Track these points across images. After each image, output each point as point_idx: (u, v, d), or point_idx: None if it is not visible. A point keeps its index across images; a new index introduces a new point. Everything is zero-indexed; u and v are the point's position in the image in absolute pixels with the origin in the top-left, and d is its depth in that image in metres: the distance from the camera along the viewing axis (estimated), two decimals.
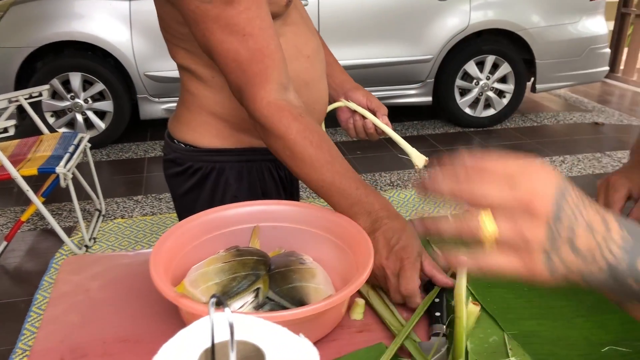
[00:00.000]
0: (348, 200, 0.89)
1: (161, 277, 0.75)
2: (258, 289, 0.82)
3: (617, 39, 5.82)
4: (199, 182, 1.10)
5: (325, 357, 0.75)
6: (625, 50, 5.89)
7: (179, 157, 1.11)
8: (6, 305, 2.22)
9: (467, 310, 0.81)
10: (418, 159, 0.97)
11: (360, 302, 0.85)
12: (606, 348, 0.76)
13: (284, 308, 0.80)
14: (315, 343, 0.78)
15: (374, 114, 1.06)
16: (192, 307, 0.71)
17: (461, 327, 0.78)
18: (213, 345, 0.39)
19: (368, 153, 3.85)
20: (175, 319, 0.82)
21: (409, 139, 4.20)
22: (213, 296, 0.39)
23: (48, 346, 0.78)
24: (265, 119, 0.89)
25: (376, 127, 1.00)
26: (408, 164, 3.60)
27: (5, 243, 2.58)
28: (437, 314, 0.82)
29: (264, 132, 0.91)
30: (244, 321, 0.42)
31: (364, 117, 1.03)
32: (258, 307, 0.81)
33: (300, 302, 0.79)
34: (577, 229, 0.50)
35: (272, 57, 0.90)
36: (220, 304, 0.38)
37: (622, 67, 5.92)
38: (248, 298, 0.81)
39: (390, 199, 3.07)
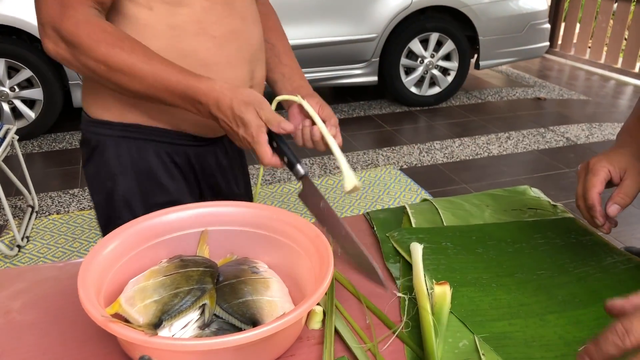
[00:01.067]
0: (174, 96, 0.88)
1: (89, 297, 0.66)
2: (204, 305, 0.73)
3: (554, 14, 5.92)
4: (89, 155, 1.05)
5: None
6: (562, 25, 6.00)
7: (80, 126, 1.06)
8: None
9: (433, 295, 0.76)
10: (349, 181, 0.88)
11: (318, 309, 0.78)
12: (582, 347, 0.71)
13: (233, 326, 0.72)
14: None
15: (324, 122, 0.99)
16: (123, 333, 0.62)
17: (429, 324, 0.72)
18: None
19: None
20: (111, 342, 0.73)
21: (356, 120, 4.15)
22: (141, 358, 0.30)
23: None
24: (73, 36, 0.84)
25: (323, 138, 0.94)
26: (357, 145, 3.55)
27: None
28: (286, 159, 0.87)
29: (76, 52, 0.86)
30: None
31: (313, 124, 0.96)
32: (204, 326, 0.72)
33: (252, 319, 0.71)
34: None
35: None
36: (207, 325, 0.29)
37: (559, 42, 6.03)
38: (193, 316, 0.72)
39: (339, 183, 3.01)
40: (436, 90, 4.33)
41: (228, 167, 1.14)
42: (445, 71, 4.32)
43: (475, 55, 4.38)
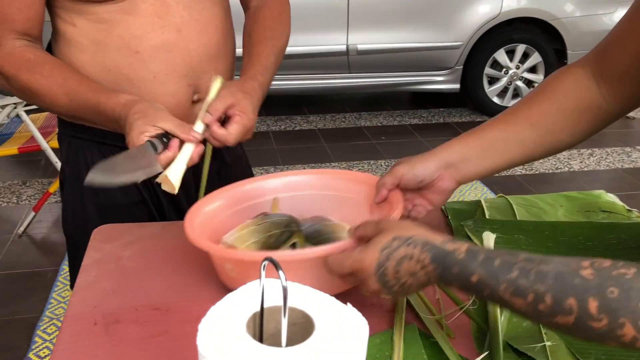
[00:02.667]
0: (91, 114, 0.93)
1: (200, 236, 0.76)
2: (295, 243, 0.82)
3: None
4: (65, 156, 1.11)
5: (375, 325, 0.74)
6: None
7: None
8: (34, 274, 2.26)
9: None
10: (171, 175, 0.83)
11: None
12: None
13: None
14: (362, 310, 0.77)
15: (226, 119, 0.90)
16: (246, 254, 0.72)
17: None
18: (262, 309, 0.38)
19: (392, 139, 3.82)
20: (205, 290, 0.82)
21: (434, 126, 4.15)
22: (266, 259, 0.38)
23: (82, 311, 0.78)
24: (1, 68, 0.94)
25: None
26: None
27: (33, 214, 2.61)
28: None
29: (7, 81, 0.95)
30: (294, 288, 0.41)
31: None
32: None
33: None
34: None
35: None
36: (276, 266, 0.37)
37: None
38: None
39: None
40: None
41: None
42: (529, 83, 4.25)
43: None
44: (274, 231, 0.81)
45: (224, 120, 0.90)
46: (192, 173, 1.11)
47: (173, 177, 0.83)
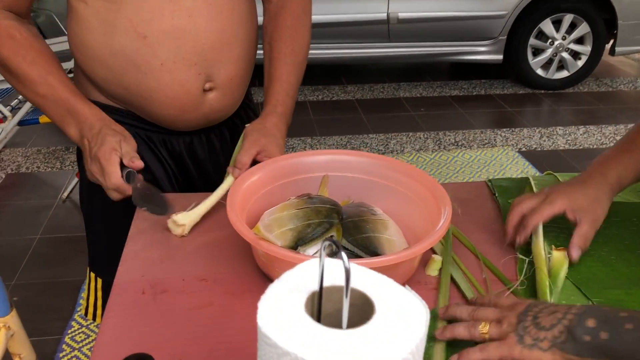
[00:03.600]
0: (61, 111, 0.94)
1: (240, 220, 0.75)
2: (332, 236, 0.81)
3: None
4: None
5: None
6: None
7: None
8: (77, 239, 2.31)
9: (551, 259, 0.80)
10: (186, 219, 0.89)
11: (437, 258, 0.83)
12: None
13: (358, 257, 0.79)
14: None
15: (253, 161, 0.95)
16: (271, 249, 0.71)
17: (544, 284, 0.76)
18: (321, 289, 0.38)
19: (432, 110, 3.76)
20: (251, 263, 0.83)
21: (476, 98, 4.06)
22: (327, 239, 0.37)
23: (130, 279, 0.80)
24: None
25: None
26: (474, 124, 3.50)
27: (76, 179, 2.68)
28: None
29: None
30: (353, 268, 0.40)
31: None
32: (332, 255, 0.80)
33: (374, 252, 0.78)
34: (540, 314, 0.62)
35: None
36: (334, 253, 0.37)
37: None
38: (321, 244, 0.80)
39: (454, 160, 3.00)
40: (564, 74, 4.14)
41: (209, 159, 1.13)
42: (576, 55, 4.11)
43: (612, 41, 4.13)
44: (313, 220, 0.80)
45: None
46: (223, 153, 1.13)
47: (187, 222, 0.89)
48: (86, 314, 1.19)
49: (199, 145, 1.10)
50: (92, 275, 1.16)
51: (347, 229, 0.82)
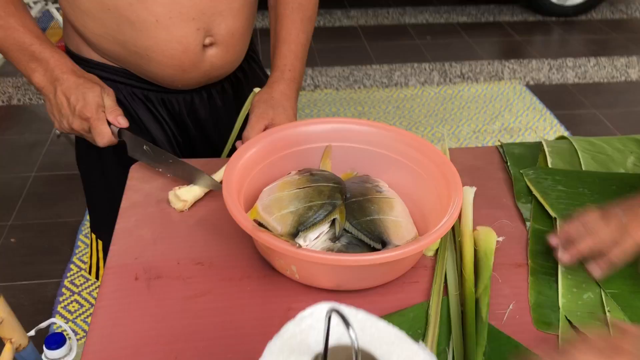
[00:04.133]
0: (24, 56, 0.87)
1: (237, 207, 0.71)
2: (335, 219, 0.77)
3: None
4: None
5: (408, 300, 0.71)
6: None
7: None
8: (74, 177, 2.26)
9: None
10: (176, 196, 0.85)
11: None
12: None
13: (362, 242, 0.75)
14: (394, 282, 0.74)
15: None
16: (271, 242, 0.67)
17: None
18: (326, 355, 0.34)
19: (438, 39, 3.61)
20: (248, 246, 0.79)
21: (484, 25, 3.90)
22: (331, 310, 0.33)
23: (122, 262, 0.76)
24: None
25: None
26: (482, 54, 3.38)
27: None
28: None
29: None
30: (359, 320, 0.36)
31: None
32: (334, 239, 0.76)
33: (379, 237, 0.74)
34: None
35: None
36: (346, 324, 0.32)
37: None
38: (324, 228, 0.76)
39: (459, 94, 2.91)
40: (577, 0, 3.96)
41: (210, 118, 1.07)
42: None
43: None
44: (315, 201, 0.75)
45: None
46: (225, 110, 1.07)
47: (189, 199, 0.85)
48: (90, 272, 1.19)
49: (200, 104, 1.05)
50: (94, 236, 1.14)
51: (350, 211, 0.77)
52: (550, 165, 0.95)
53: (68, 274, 1.84)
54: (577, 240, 0.74)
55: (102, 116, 0.85)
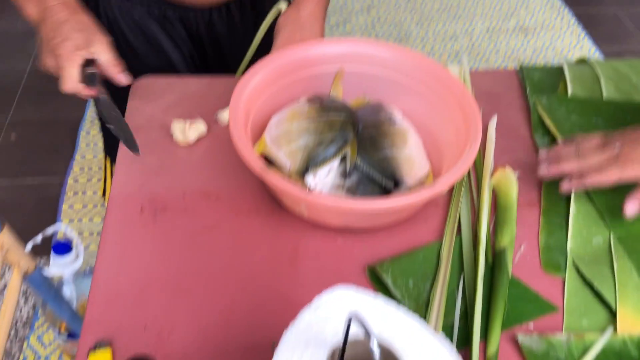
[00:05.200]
0: None
1: (245, 145, 0.68)
2: (346, 154, 0.74)
3: None
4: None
5: (418, 239, 0.70)
6: None
7: None
8: None
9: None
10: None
11: None
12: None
13: (373, 180, 0.73)
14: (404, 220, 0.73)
15: None
16: (282, 186, 0.65)
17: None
18: (343, 355, 0.33)
19: None
20: (256, 177, 0.77)
21: None
22: (351, 316, 0.31)
23: (127, 192, 0.75)
24: None
25: None
26: None
27: None
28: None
29: None
30: (377, 308, 0.35)
31: None
32: (345, 175, 0.74)
33: (392, 176, 0.72)
34: None
35: None
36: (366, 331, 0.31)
37: None
38: (334, 163, 0.74)
39: None
40: None
41: (227, 35, 1.02)
42: None
43: None
44: (326, 136, 0.72)
45: None
46: (243, 27, 1.01)
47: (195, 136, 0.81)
48: (104, 194, 1.19)
49: (218, 20, 0.99)
50: (108, 161, 1.14)
51: (362, 145, 0.74)
52: (570, 93, 0.91)
53: (71, 172, 1.84)
54: (563, 160, 0.73)
55: (75, 60, 0.75)
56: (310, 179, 0.72)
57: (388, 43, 0.84)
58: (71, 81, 0.76)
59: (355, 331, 0.35)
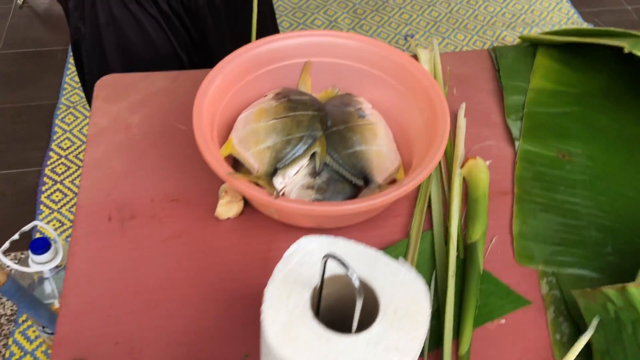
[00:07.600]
0: None
1: (210, 150, 0.66)
2: (315, 152, 0.73)
3: None
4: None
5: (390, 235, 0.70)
6: None
7: None
8: (43, 54, 2.15)
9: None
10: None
11: None
12: None
13: (343, 177, 0.72)
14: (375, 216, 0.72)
15: None
16: (249, 192, 0.63)
17: None
18: (320, 299, 0.35)
19: None
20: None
21: None
22: (326, 256, 0.34)
23: (94, 201, 0.73)
24: None
25: None
26: None
27: None
28: None
29: None
30: (340, 247, 0.39)
31: None
32: (314, 174, 0.73)
33: (362, 172, 0.71)
34: None
35: None
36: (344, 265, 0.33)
37: None
38: (303, 162, 0.73)
39: None
40: None
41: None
42: None
43: None
44: (294, 134, 0.70)
45: None
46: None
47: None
48: None
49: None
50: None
51: (331, 142, 0.73)
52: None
53: (48, 162, 1.82)
54: None
55: None
56: (279, 181, 0.71)
57: (354, 34, 0.82)
58: None
59: (332, 269, 0.37)
